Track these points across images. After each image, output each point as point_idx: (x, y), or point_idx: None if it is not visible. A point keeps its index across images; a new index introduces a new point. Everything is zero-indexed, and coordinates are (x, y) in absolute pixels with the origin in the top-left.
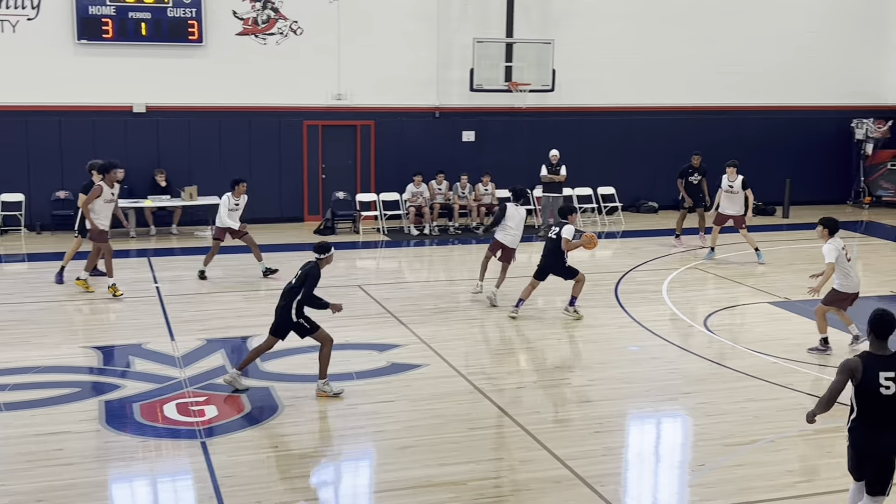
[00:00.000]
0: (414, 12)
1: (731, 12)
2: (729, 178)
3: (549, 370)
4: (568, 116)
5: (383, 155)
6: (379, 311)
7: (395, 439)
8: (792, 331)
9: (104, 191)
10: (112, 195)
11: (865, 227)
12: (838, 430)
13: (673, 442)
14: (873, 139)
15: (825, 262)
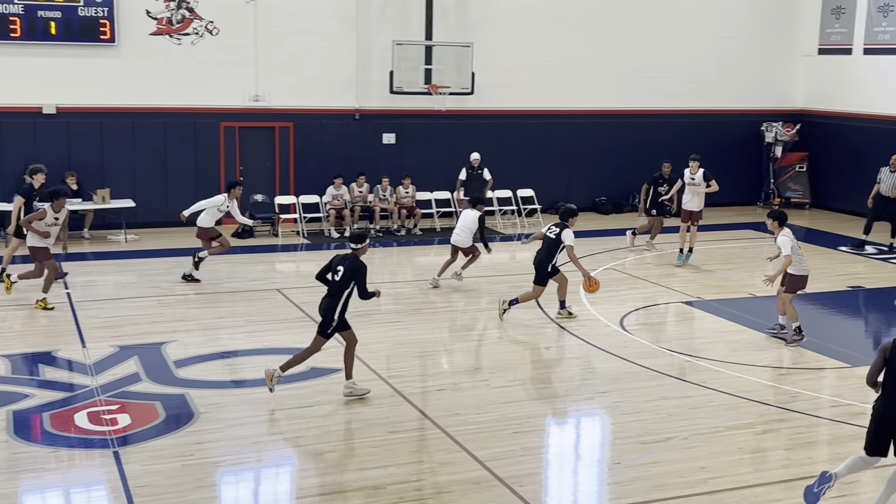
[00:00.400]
0: (333, 13)
1: (646, 18)
2: (691, 171)
3: (469, 372)
4: (487, 119)
5: (303, 157)
6: (298, 315)
7: (313, 444)
8: (705, 329)
9: (47, 215)
10: (55, 220)
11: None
12: (748, 427)
13: (590, 441)
14: (782, 142)
15: (783, 254)
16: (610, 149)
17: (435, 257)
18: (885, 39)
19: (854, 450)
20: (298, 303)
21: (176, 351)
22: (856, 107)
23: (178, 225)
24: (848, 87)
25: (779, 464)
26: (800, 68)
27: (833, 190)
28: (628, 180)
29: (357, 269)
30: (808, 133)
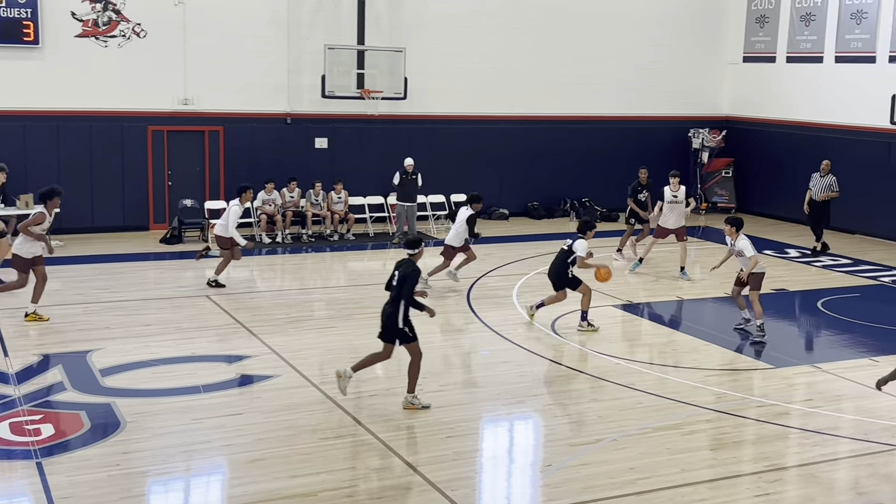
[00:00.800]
0: (263, 17)
1: (577, 25)
2: (672, 188)
3: (403, 377)
4: (420, 124)
5: (233, 161)
6: (228, 321)
7: (244, 453)
8: (635, 332)
9: (45, 219)
10: (49, 223)
11: (702, 233)
12: (676, 428)
13: (522, 444)
14: (709, 148)
15: (748, 255)
16: (542, 154)
17: (368, 262)
18: (807, 48)
19: (778, 449)
20: (228, 309)
21: (102, 359)
22: (779, 114)
23: (104, 231)
24: (771, 94)
25: (705, 464)
26: (725, 76)
27: (757, 195)
28: (560, 185)
29: (409, 273)
30: (733, 139)
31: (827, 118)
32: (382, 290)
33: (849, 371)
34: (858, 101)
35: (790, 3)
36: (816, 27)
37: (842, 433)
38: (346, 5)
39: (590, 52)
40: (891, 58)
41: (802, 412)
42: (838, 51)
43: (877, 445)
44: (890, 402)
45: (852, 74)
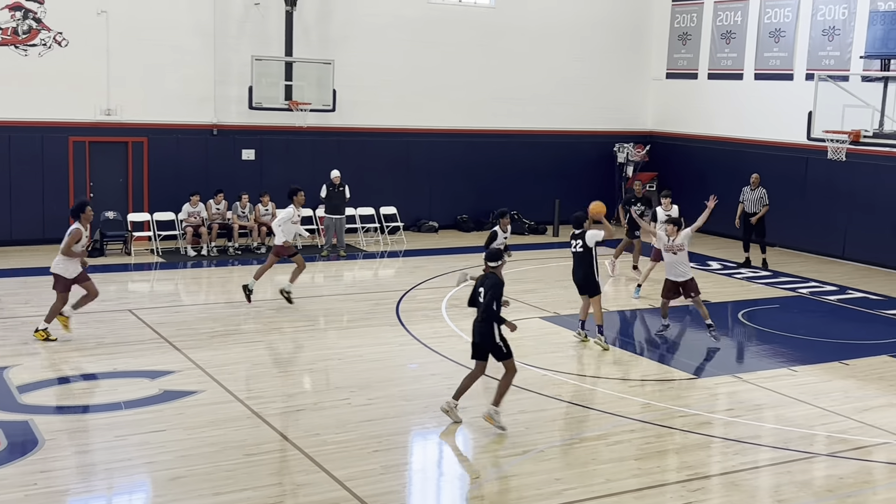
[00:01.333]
0: (189, 27)
1: (504, 41)
2: (665, 208)
3: (330, 391)
4: (349, 136)
5: (157, 173)
6: (152, 336)
7: (167, 470)
8: (561, 344)
9: (82, 235)
10: (87, 237)
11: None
12: (601, 438)
13: (450, 456)
14: (633, 162)
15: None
16: (471, 167)
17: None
18: (727, 65)
19: (701, 458)
20: (151, 323)
21: (20, 375)
22: (701, 129)
23: (24, 244)
24: (694, 110)
25: (630, 473)
26: (649, 91)
27: (680, 208)
28: (489, 198)
29: (494, 284)
30: (657, 154)
31: (747, 133)
32: (311, 304)
33: (769, 381)
34: (777, 117)
35: (711, 22)
36: (737, 45)
37: (762, 442)
38: (273, 17)
39: (517, 67)
40: (807, 75)
41: (724, 421)
42: (757, 68)
43: (795, 453)
44: (808, 410)
45: (771, 91)
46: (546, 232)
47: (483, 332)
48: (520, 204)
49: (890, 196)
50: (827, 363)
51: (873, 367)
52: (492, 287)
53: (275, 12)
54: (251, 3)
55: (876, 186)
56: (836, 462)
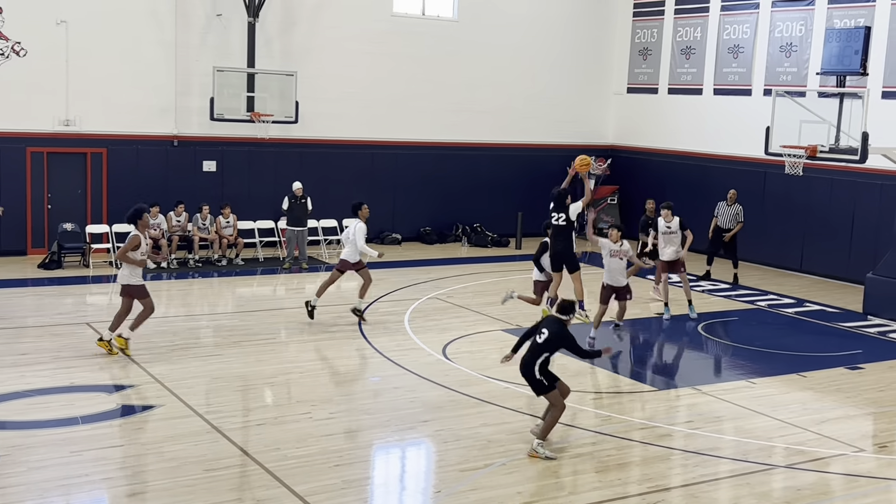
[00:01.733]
0: (150, 38)
1: (467, 54)
2: (665, 220)
3: (292, 405)
4: (312, 148)
5: (116, 184)
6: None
7: (125, 486)
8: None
9: (142, 241)
10: (147, 244)
11: (588, 258)
12: (563, 451)
13: (412, 470)
14: (595, 176)
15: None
16: (434, 180)
17: (258, 288)
18: (687, 80)
19: (661, 470)
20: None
21: None
22: (661, 143)
23: None
24: (654, 124)
25: (591, 486)
26: (611, 106)
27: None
28: (452, 211)
29: (565, 337)
30: (618, 167)
31: (706, 148)
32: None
33: (728, 393)
34: (735, 131)
35: (671, 37)
36: (696, 60)
37: (721, 454)
38: (236, 28)
39: (480, 81)
40: (765, 91)
41: (684, 434)
42: (717, 83)
43: (754, 465)
44: (766, 422)
45: (730, 106)
46: (509, 245)
47: (527, 366)
48: (482, 217)
49: (845, 210)
50: (785, 375)
51: (830, 379)
52: (562, 338)
53: (237, 24)
54: (213, 14)
55: (832, 201)
56: (794, 474)
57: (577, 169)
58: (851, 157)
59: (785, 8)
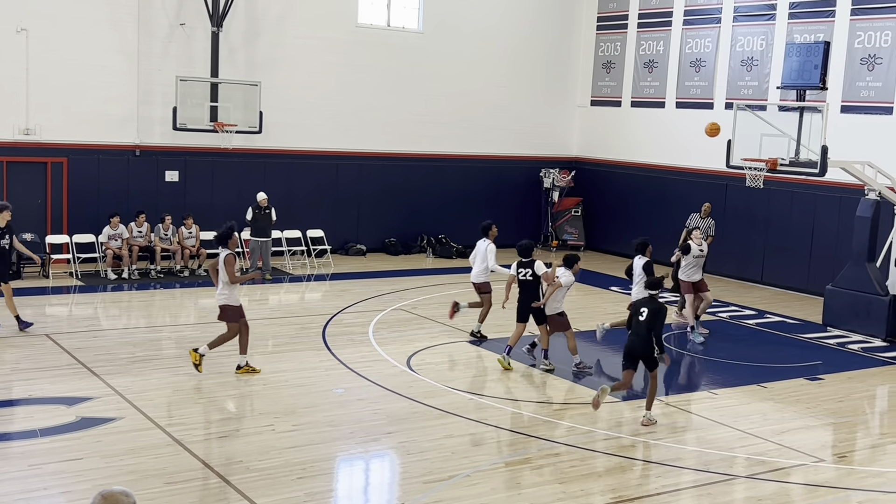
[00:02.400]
0: (112, 46)
1: (432, 66)
2: (697, 242)
3: (254, 417)
4: (276, 158)
5: (77, 194)
6: (69, 361)
7: (84, 499)
8: (487, 367)
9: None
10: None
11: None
12: (526, 462)
13: (376, 483)
14: (559, 187)
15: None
16: (399, 191)
17: None
18: (650, 94)
19: (624, 481)
20: (69, 349)
21: None
22: (624, 155)
23: None
24: (617, 136)
25: (554, 497)
26: (574, 118)
27: (605, 233)
28: (417, 222)
29: (659, 309)
30: (582, 179)
31: (669, 160)
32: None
33: (690, 403)
34: (698, 144)
35: (634, 51)
36: (659, 74)
37: (683, 464)
38: (199, 37)
39: (445, 93)
40: (727, 104)
41: (647, 444)
42: (679, 97)
43: (716, 475)
44: (728, 433)
45: (692, 119)
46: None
47: (645, 341)
48: (447, 227)
49: (805, 223)
50: (746, 386)
51: (790, 389)
52: (657, 311)
53: (200, 33)
54: (176, 24)
55: (792, 214)
56: (754, 484)
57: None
58: (811, 171)
59: (746, 23)
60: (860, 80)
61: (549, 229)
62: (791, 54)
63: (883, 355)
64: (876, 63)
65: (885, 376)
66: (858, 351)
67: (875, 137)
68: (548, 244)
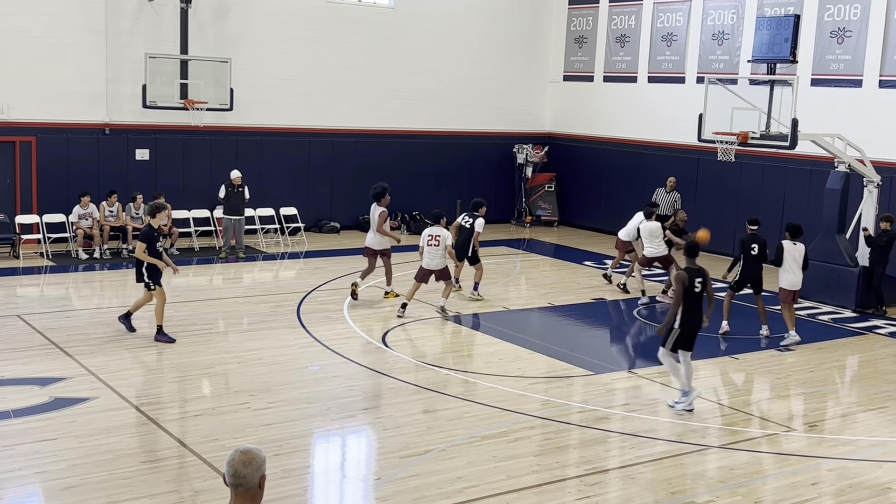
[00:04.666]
0: (79, 24)
1: (405, 41)
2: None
3: (230, 395)
4: (248, 136)
5: (47, 174)
6: (42, 342)
7: (59, 479)
8: (462, 343)
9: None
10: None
11: (527, 245)
12: (502, 435)
13: (352, 458)
14: (532, 163)
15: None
16: (372, 168)
17: (193, 278)
18: (622, 68)
19: (599, 453)
20: (41, 329)
21: None
22: (597, 130)
23: None
24: (590, 111)
25: (530, 470)
26: (547, 94)
27: (578, 208)
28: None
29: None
30: (555, 155)
31: (641, 135)
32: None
33: (662, 376)
34: (669, 119)
35: (606, 25)
36: (631, 48)
37: (657, 435)
38: (168, 14)
39: (418, 68)
40: (698, 78)
41: (621, 416)
42: (651, 71)
43: (689, 446)
44: (700, 404)
45: (664, 94)
46: None
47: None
48: (421, 204)
49: (776, 195)
50: (718, 358)
51: (761, 360)
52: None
53: (169, 9)
54: (145, 0)
55: (763, 186)
56: (727, 454)
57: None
58: (782, 144)
59: None
60: (830, 54)
61: (523, 205)
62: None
63: (852, 326)
64: (845, 36)
65: (855, 346)
66: (828, 322)
67: (844, 110)
68: (521, 220)
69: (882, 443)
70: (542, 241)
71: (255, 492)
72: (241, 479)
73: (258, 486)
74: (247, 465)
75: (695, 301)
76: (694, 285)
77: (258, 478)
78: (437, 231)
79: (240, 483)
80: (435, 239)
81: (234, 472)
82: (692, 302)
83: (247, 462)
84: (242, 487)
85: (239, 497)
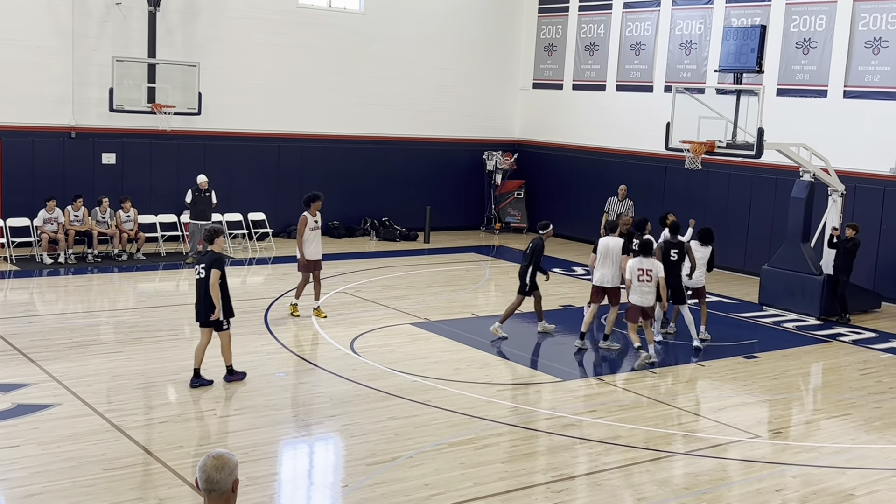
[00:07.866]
0: (45, 26)
1: (375, 48)
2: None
3: (195, 402)
4: (216, 140)
5: (11, 177)
6: (4, 348)
7: (21, 487)
8: (430, 349)
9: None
10: (316, 223)
11: (497, 251)
12: (469, 442)
13: (319, 465)
14: (502, 170)
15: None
16: (342, 174)
17: (160, 283)
18: (591, 76)
19: (566, 459)
20: (4, 334)
21: None
22: (566, 138)
23: None
24: (559, 119)
25: (497, 476)
26: (517, 101)
27: (547, 215)
28: (360, 205)
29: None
30: (524, 162)
31: (610, 143)
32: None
33: (630, 383)
34: (637, 127)
35: (576, 34)
36: (600, 57)
37: (623, 442)
38: (136, 17)
39: (388, 74)
40: (666, 87)
41: (588, 423)
42: (619, 80)
43: (655, 453)
44: (666, 411)
45: (632, 102)
46: (417, 238)
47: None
48: (391, 210)
49: (742, 204)
50: (684, 365)
51: (727, 367)
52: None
53: (137, 12)
54: (112, 3)
55: (729, 195)
56: (693, 460)
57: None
58: (748, 153)
59: (685, 6)
60: (795, 64)
61: (493, 212)
62: (728, 38)
63: (817, 333)
64: (811, 47)
65: (819, 354)
66: (793, 329)
67: (810, 120)
68: (491, 226)
69: (845, 449)
70: (511, 248)
71: (229, 496)
72: (214, 485)
73: (231, 490)
74: (219, 470)
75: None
76: (670, 255)
77: (231, 482)
78: (650, 265)
79: (213, 488)
80: (647, 274)
81: (206, 478)
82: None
83: (219, 467)
84: (216, 492)
85: (213, 502)
